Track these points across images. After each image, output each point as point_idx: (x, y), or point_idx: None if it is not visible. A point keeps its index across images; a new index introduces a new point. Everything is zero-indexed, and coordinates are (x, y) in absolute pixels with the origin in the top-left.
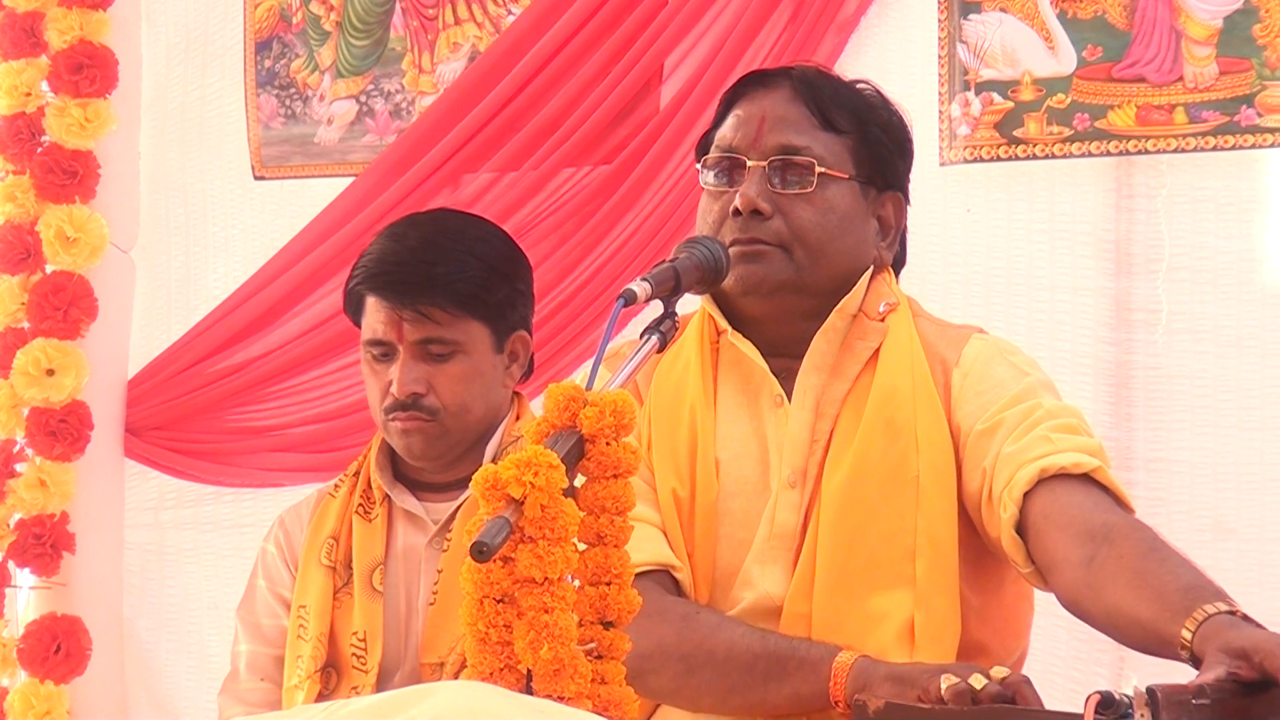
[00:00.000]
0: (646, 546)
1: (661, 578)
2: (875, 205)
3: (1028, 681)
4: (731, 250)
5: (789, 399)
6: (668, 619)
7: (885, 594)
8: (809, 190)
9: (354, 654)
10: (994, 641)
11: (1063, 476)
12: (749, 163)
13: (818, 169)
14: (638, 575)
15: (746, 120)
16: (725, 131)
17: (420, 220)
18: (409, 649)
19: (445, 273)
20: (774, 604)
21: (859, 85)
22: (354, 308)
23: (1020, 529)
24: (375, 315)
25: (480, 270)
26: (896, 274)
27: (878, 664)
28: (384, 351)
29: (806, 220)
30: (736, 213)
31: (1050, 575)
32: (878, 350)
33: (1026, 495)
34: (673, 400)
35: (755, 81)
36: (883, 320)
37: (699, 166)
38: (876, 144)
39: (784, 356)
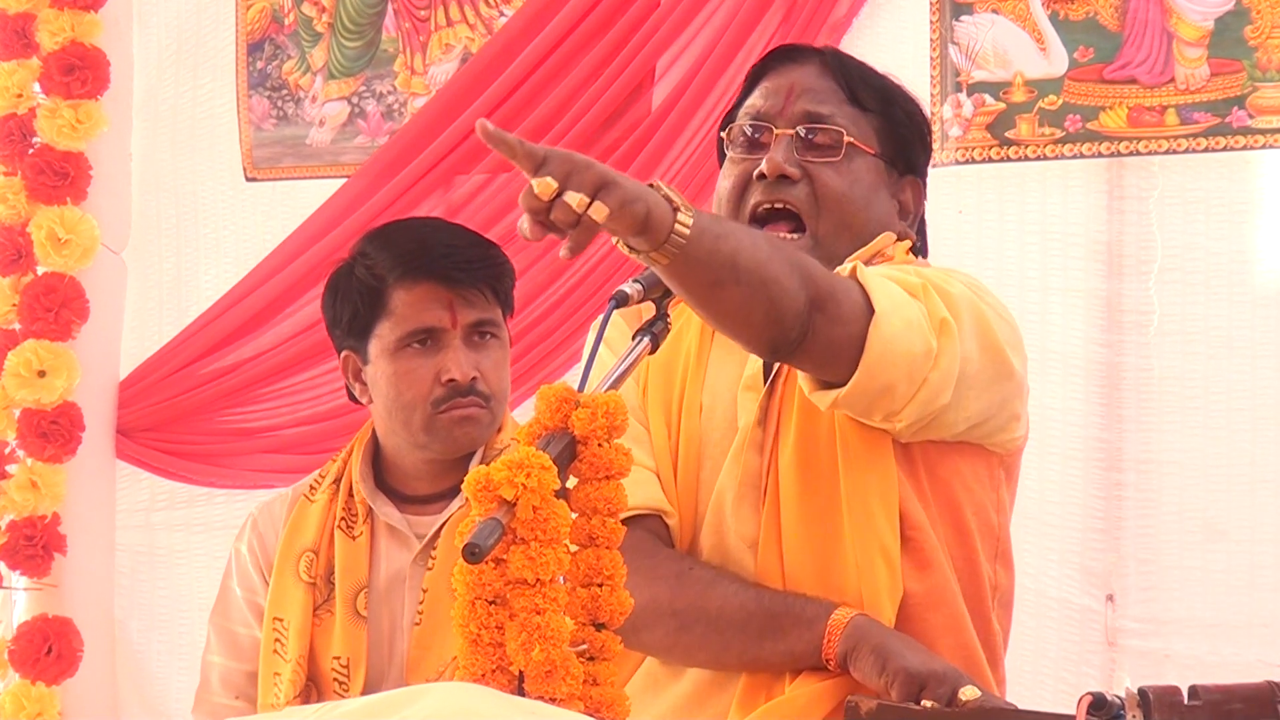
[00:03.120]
0: (638, 490)
1: (653, 524)
2: (896, 188)
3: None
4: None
5: None
6: (661, 575)
7: (842, 520)
8: (837, 159)
9: (336, 680)
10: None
11: None
12: (776, 130)
13: (846, 138)
14: (629, 520)
15: (775, 90)
16: (753, 100)
17: (423, 220)
18: (393, 668)
19: (485, 254)
20: (747, 541)
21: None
22: (373, 307)
23: None
24: (420, 302)
25: (501, 254)
26: None
27: (869, 629)
28: (429, 339)
29: (834, 186)
30: (761, 177)
31: None
32: None
33: None
34: (671, 349)
35: (784, 56)
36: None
37: (722, 135)
38: (901, 125)
39: None
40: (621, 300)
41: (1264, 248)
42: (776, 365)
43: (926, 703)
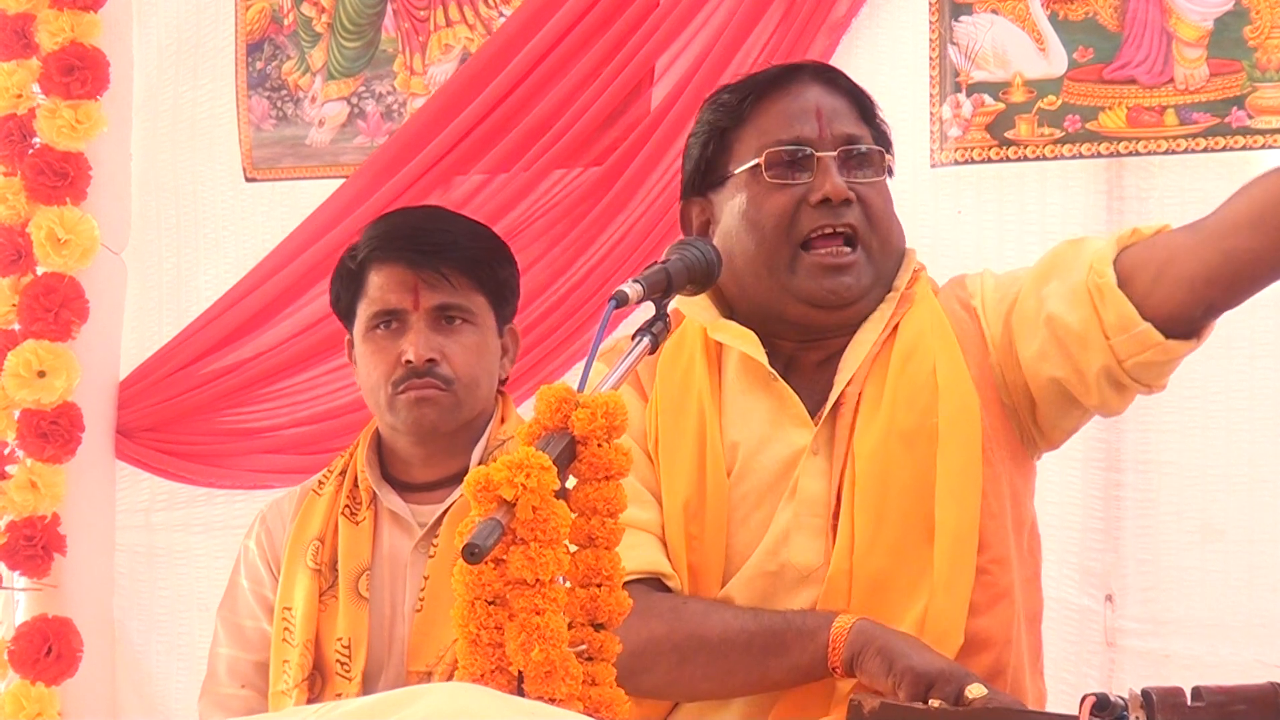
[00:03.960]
0: (636, 554)
1: (652, 584)
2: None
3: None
4: (814, 253)
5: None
6: (655, 613)
7: (918, 549)
8: (881, 178)
9: (338, 661)
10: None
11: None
12: (818, 154)
13: (887, 158)
14: (626, 584)
15: (801, 113)
16: (774, 125)
17: (417, 207)
18: (393, 655)
19: (459, 239)
20: (805, 573)
21: None
22: (352, 289)
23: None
24: (386, 284)
25: (488, 242)
26: None
27: (873, 631)
28: (394, 321)
29: (878, 205)
30: (825, 201)
31: (1172, 267)
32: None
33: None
34: (680, 393)
35: (781, 78)
36: (909, 288)
37: (758, 162)
38: (885, 135)
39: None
40: (621, 300)
41: None
42: (835, 393)
43: (934, 702)
